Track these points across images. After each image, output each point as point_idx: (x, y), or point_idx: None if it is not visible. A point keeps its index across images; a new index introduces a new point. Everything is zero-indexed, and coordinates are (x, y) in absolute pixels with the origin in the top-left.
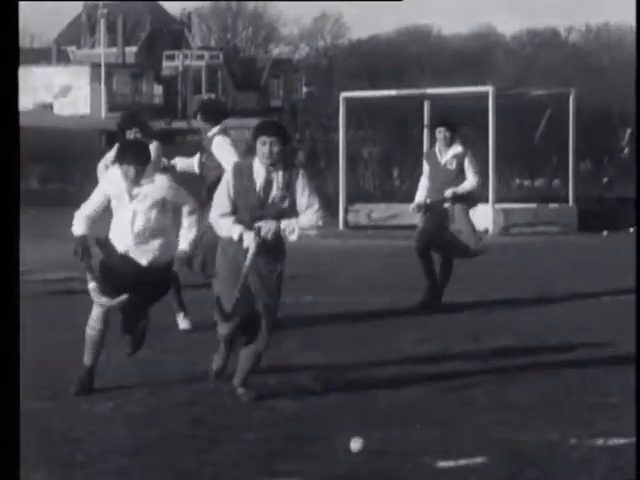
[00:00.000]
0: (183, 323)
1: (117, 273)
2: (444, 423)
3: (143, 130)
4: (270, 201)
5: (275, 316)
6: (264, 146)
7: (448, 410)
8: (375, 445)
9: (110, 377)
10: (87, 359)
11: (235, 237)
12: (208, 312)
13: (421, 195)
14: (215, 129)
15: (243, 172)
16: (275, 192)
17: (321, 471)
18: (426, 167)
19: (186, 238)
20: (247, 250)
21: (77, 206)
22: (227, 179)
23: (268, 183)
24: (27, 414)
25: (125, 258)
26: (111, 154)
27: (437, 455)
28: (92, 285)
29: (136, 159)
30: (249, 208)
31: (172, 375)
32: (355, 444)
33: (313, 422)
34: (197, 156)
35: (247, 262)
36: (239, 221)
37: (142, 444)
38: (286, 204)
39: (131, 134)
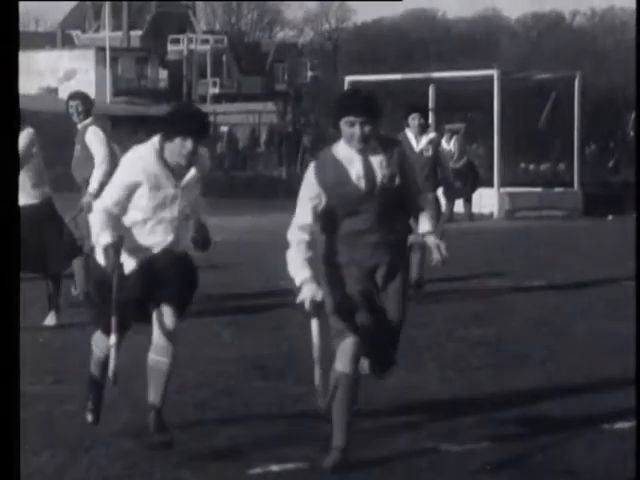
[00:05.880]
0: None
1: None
2: (450, 406)
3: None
4: (378, 186)
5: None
6: (352, 128)
7: (453, 392)
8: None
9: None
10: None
11: (296, 283)
12: (209, 300)
13: None
14: (88, 120)
15: (327, 165)
16: (382, 173)
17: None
18: None
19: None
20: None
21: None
22: (308, 180)
23: (368, 167)
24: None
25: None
26: None
27: (440, 439)
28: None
29: (197, 130)
30: (349, 204)
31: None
32: None
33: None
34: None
35: (313, 336)
36: (310, 258)
37: (146, 428)
38: (397, 183)
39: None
